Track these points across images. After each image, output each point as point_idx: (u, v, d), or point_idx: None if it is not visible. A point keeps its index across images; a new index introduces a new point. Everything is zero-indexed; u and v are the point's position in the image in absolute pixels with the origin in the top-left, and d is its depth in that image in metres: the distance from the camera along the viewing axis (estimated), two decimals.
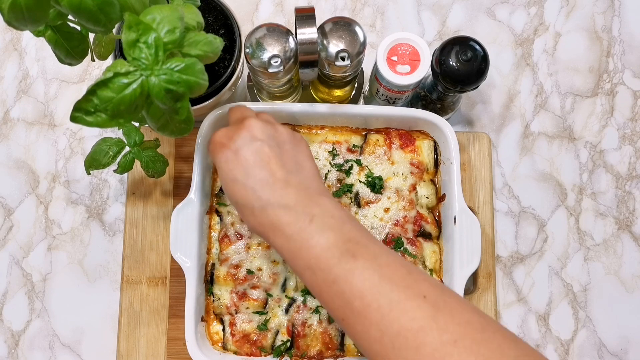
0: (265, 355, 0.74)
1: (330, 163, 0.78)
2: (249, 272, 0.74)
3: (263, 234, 0.55)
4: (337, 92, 0.80)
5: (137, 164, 0.73)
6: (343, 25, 0.68)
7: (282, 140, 0.59)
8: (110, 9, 0.48)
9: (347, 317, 0.49)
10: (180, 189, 0.82)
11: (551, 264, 0.83)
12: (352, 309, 0.49)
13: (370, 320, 0.48)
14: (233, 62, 0.71)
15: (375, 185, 0.77)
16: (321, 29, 0.68)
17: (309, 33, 0.65)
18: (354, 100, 0.85)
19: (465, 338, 0.45)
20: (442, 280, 0.76)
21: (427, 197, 0.78)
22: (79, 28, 0.55)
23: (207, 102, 0.72)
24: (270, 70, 0.66)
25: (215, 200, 0.77)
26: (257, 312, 0.74)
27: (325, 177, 0.77)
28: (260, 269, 0.74)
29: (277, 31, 0.67)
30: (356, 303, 0.48)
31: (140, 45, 0.47)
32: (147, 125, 0.54)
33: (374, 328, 0.47)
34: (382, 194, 0.77)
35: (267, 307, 0.75)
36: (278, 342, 0.74)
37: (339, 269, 0.50)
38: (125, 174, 0.82)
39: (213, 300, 0.75)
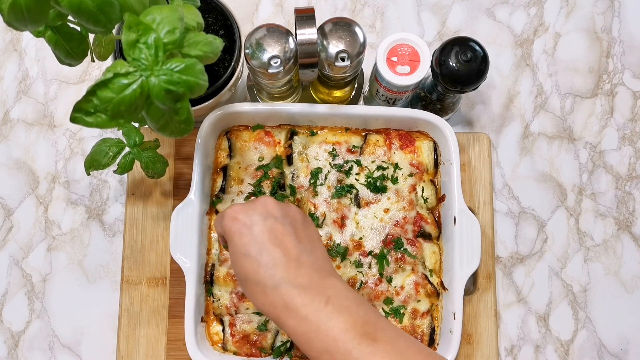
0: (265, 356, 0.74)
1: (330, 163, 0.78)
2: None
3: (273, 314, 0.53)
4: (337, 93, 0.80)
5: (137, 164, 0.73)
6: (343, 25, 0.68)
7: (294, 218, 0.58)
8: (110, 9, 0.48)
9: None
10: (180, 190, 0.82)
11: (551, 265, 0.83)
12: None
13: None
14: (233, 63, 0.71)
15: (375, 185, 0.77)
16: (321, 30, 0.68)
17: (308, 34, 0.65)
18: (354, 101, 0.85)
19: None
20: (442, 281, 0.76)
21: (427, 198, 0.78)
22: (78, 28, 0.55)
23: (207, 103, 0.72)
24: (270, 70, 0.66)
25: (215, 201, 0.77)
26: (257, 313, 0.74)
27: (325, 178, 0.77)
28: None
29: (277, 32, 0.67)
30: None
31: (140, 46, 0.47)
32: (147, 125, 0.54)
33: None
34: (382, 194, 0.77)
35: None
36: (278, 343, 0.74)
37: (359, 352, 0.49)
38: (125, 175, 0.81)
39: (213, 300, 0.75)
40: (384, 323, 0.53)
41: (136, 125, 0.75)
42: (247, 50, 0.67)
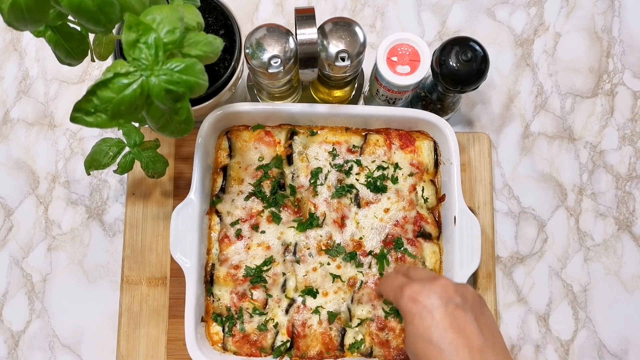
0: (265, 356, 0.74)
1: (330, 163, 0.78)
2: (249, 272, 0.74)
3: None
4: (337, 93, 0.80)
5: (137, 164, 0.73)
6: (343, 25, 0.68)
7: (473, 303, 0.58)
8: (110, 9, 0.48)
9: None
10: (180, 189, 0.82)
11: (551, 265, 0.83)
12: None
13: None
14: (233, 63, 0.71)
15: (376, 185, 0.77)
16: (321, 30, 0.68)
17: (309, 33, 0.65)
18: (354, 101, 0.85)
19: None
20: None
21: (427, 198, 0.78)
22: (79, 28, 0.55)
23: (207, 103, 0.72)
24: (270, 70, 0.66)
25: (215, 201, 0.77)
26: (257, 313, 0.74)
27: (326, 178, 0.77)
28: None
29: (277, 31, 0.67)
30: None
31: (140, 46, 0.47)
32: (147, 125, 0.54)
33: None
34: (382, 194, 0.77)
35: (267, 307, 0.75)
36: (278, 343, 0.74)
37: None
38: (125, 175, 0.81)
39: (213, 300, 0.75)
40: None
41: (136, 125, 0.75)
42: (247, 50, 0.67)
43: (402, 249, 0.75)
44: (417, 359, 0.56)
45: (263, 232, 0.76)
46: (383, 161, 0.78)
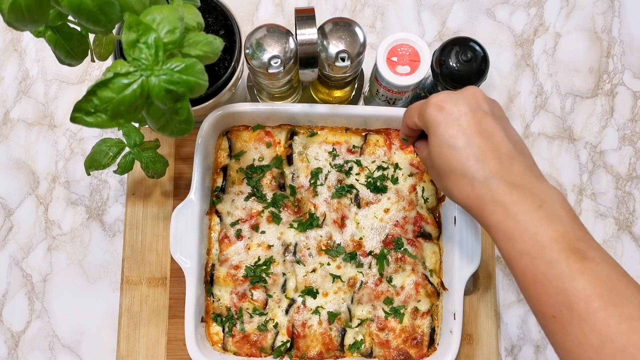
0: (265, 356, 0.74)
1: (330, 164, 0.78)
2: (249, 272, 0.74)
3: (476, 208, 0.52)
4: (337, 93, 0.80)
5: (137, 164, 0.73)
6: (343, 25, 0.68)
7: (502, 116, 0.56)
8: (110, 9, 0.48)
9: (562, 316, 0.47)
10: (180, 190, 0.82)
11: None
12: (571, 310, 0.46)
13: (592, 326, 0.45)
14: (233, 63, 0.71)
15: (376, 185, 0.77)
16: (321, 30, 0.68)
17: (309, 34, 0.65)
18: (354, 101, 0.85)
19: None
20: (442, 281, 0.76)
21: (427, 198, 0.78)
22: (79, 28, 0.55)
23: (207, 103, 0.72)
24: (270, 70, 0.66)
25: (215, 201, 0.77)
26: (257, 313, 0.74)
27: (326, 178, 0.77)
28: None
29: (277, 32, 0.67)
30: (579, 306, 0.46)
31: (140, 46, 0.47)
32: (147, 125, 0.54)
33: (595, 335, 0.44)
34: (382, 194, 0.77)
35: (267, 307, 0.75)
36: (278, 343, 0.74)
37: (566, 266, 0.47)
38: (125, 175, 0.82)
39: (213, 300, 0.75)
40: (598, 245, 0.49)
41: (136, 125, 0.75)
42: (247, 50, 0.67)
43: (402, 249, 0.75)
44: (442, 168, 0.54)
45: (263, 232, 0.76)
46: (383, 161, 0.78)
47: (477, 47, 0.71)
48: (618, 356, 0.43)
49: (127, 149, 0.72)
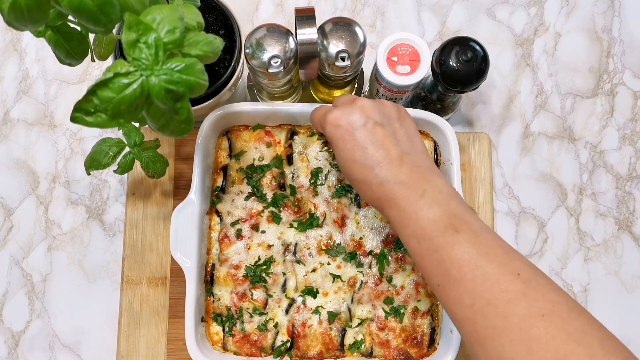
0: (265, 356, 0.74)
1: (330, 163, 0.78)
2: (249, 272, 0.74)
3: (379, 207, 0.61)
4: (337, 93, 0.80)
5: (137, 164, 0.73)
6: (343, 25, 0.68)
7: (390, 116, 0.63)
8: (110, 9, 0.48)
9: (443, 283, 0.55)
10: (180, 189, 0.82)
11: (551, 265, 0.83)
12: (448, 276, 0.54)
13: (464, 288, 0.53)
14: (233, 63, 0.71)
15: None
16: (321, 30, 0.68)
17: (309, 33, 0.65)
18: None
19: (552, 314, 0.49)
20: None
21: None
22: (79, 28, 0.55)
23: (207, 103, 0.72)
24: (270, 70, 0.66)
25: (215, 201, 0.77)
26: (257, 313, 0.74)
27: (326, 178, 0.77)
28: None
29: (277, 31, 0.67)
30: (453, 272, 0.53)
31: (140, 46, 0.47)
32: (147, 125, 0.54)
33: (467, 295, 0.52)
34: None
35: (267, 307, 0.75)
36: (278, 343, 0.74)
37: (442, 240, 0.55)
38: (125, 175, 0.82)
39: (213, 300, 0.75)
40: (470, 217, 0.57)
41: (136, 125, 0.75)
42: (247, 50, 0.67)
43: (402, 248, 0.75)
44: (348, 177, 0.63)
45: (263, 232, 0.76)
46: None
47: (477, 47, 0.71)
48: (485, 309, 0.51)
49: (127, 149, 0.72)
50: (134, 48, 0.47)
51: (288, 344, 0.74)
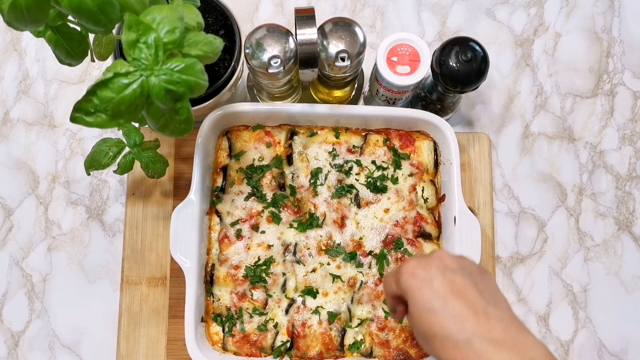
0: (265, 356, 0.74)
1: (330, 163, 0.78)
2: (249, 272, 0.74)
3: None
4: (337, 93, 0.80)
5: (137, 164, 0.73)
6: (343, 25, 0.68)
7: (471, 270, 0.57)
8: (110, 9, 0.48)
9: None
10: (180, 190, 0.82)
11: (551, 265, 0.83)
12: None
13: None
14: (233, 63, 0.71)
15: (375, 185, 0.77)
16: (321, 30, 0.68)
17: (309, 33, 0.65)
18: (354, 101, 0.85)
19: None
20: None
21: (427, 198, 0.78)
22: (79, 28, 0.55)
23: (207, 103, 0.72)
24: (270, 70, 0.66)
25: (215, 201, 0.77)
26: (257, 313, 0.74)
27: (326, 178, 0.77)
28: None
29: (277, 32, 0.67)
30: None
31: (140, 46, 0.47)
32: (147, 125, 0.54)
33: None
34: (382, 194, 0.77)
35: (267, 307, 0.75)
36: (278, 343, 0.74)
37: None
38: (125, 175, 0.81)
39: (213, 300, 0.75)
40: None
41: (136, 125, 0.75)
42: (247, 50, 0.67)
43: (402, 249, 0.75)
44: (425, 334, 0.54)
45: (263, 232, 0.76)
46: (383, 161, 0.78)
47: (477, 47, 0.71)
48: None
49: (127, 149, 0.72)
50: (133, 48, 0.47)
51: (288, 344, 0.74)
